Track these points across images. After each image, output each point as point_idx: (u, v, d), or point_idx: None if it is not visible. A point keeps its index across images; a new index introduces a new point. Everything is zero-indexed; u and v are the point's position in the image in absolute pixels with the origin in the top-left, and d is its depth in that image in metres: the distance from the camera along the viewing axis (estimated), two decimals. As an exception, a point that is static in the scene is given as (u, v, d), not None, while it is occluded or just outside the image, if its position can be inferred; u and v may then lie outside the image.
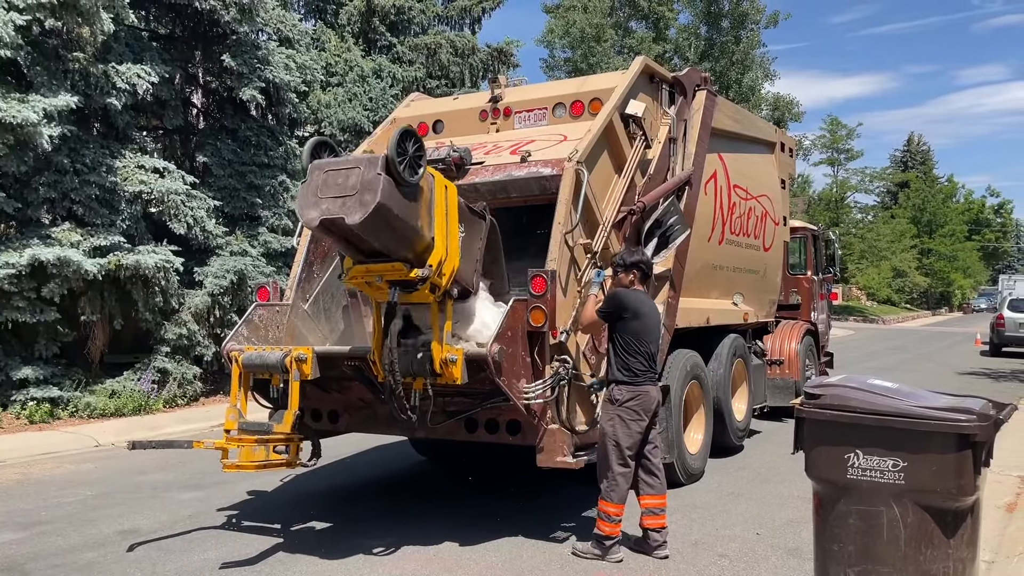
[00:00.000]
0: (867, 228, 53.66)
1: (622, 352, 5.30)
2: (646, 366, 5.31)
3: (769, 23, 36.70)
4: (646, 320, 5.38)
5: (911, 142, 71.45)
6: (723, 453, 8.19)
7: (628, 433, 5.22)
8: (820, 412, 3.91)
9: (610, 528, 5.15)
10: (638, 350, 5.28)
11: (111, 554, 5.42)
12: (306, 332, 6.70)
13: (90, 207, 10.72)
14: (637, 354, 5.28)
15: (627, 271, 5.51)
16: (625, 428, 5.22)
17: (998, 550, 5.26)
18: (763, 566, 5.12)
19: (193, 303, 11.70)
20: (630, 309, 5.33)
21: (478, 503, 6.67)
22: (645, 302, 5.52)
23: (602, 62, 33.08)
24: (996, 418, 3.72)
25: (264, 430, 5.43)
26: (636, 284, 5.51)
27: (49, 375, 10.39)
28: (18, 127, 9.39)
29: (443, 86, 17.90)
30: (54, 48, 10.48)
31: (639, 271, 5.54)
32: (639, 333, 5.31)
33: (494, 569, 5.05)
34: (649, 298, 5.70)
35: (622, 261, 5.58)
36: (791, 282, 11.52)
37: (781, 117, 37.41)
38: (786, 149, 10.46)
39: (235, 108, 13.54)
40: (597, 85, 7.10)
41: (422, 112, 7.89)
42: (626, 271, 5.51)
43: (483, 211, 5.48)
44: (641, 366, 5.29)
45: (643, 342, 5.31)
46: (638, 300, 5.44)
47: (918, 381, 12.22)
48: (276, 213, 13.57)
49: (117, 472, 8.00)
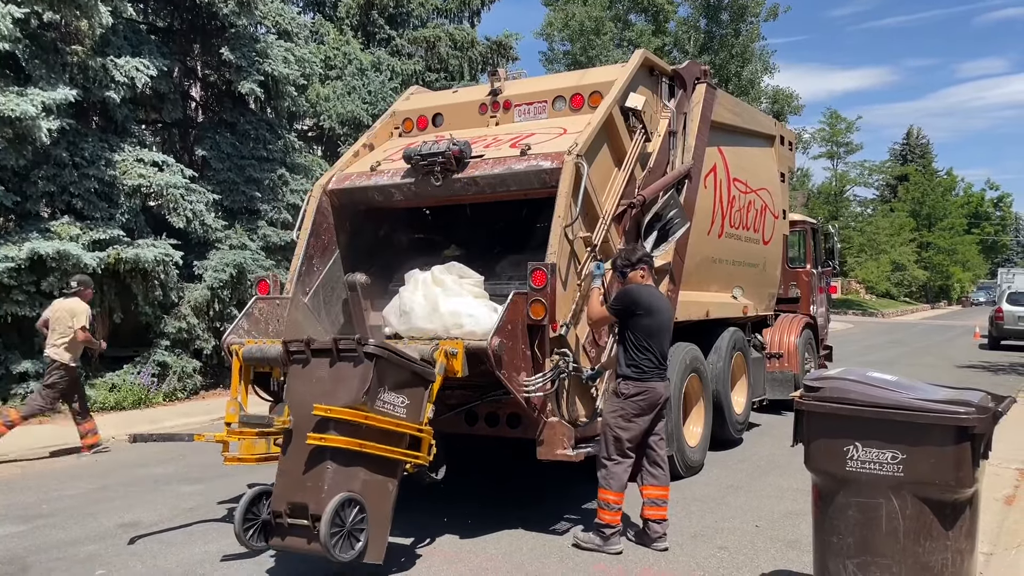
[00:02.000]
0: (866, 222, 53.66)
1: (632, 348, 5.31)
2: (655, 363, 5.32)
3: (768, 16, 36.69)
4: (659, 317, 5.39)
5: (910, 135, 71.43)
6: (722, 446, 8.21)
7: (629, 427, 5.24)
8: (819, 405, 3.93)
9: (610, 516, 5.17)
10: (648, 347, 5.29)
11: (112, 547, 5.44)
12: (306, 325, 6.70)
13: (89, 201, 10.71)
14: (647, 351, 5.29)
15: (634, 268, 5.51)
16: (628, 423, 5.24)
17: (996, 542, 5.27)
18: (762, 558, 5.13)
19: (193, 297, 11.71)
20: (643, 306, 5.33)
21: (478, 496, 6.68)
22: (660, 299, 5.56)
23: (601, 55, 33.04)
24: (995, 411, 3.73)
25: (265, 423, 5.44)
26: (647, 279, 5.53)
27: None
28: (16, 121, 9.38)
29: (442, 79, 17.89)
30: (52, 41, 10.45)
31: (647, 265, 5.56)
32: (651, 330, 5.32)
33: (494, 561, 5.07)
34: (663, 295, 5.70)
35: (627, 260, 5.56)
36: (790, 275, 11.52)
37: (780, 110, 37.40)
38: (785, 142, 10.44)
39: (234, 101, 13.53)
40: (597, 78, 7.09)
41: (421, 105, 7.88)
42: (634, 268, 5.51)
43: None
44: (650, 363, 5.30)
45: (655, 339, 5.32)
46: (652, 296, 5.45)
47: (917, 374, 12.23)
48: (275, 207, 13.57)
49: (118, 465, 8.01)
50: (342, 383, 4.53)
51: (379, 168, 6.96)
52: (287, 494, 4.55)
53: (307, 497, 4.43)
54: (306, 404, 4.53)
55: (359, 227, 7.27)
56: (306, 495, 4.44)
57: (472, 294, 5.97)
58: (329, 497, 4.34)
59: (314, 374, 4.69)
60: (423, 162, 6.38)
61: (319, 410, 4.39)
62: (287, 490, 4.57)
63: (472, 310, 5.72)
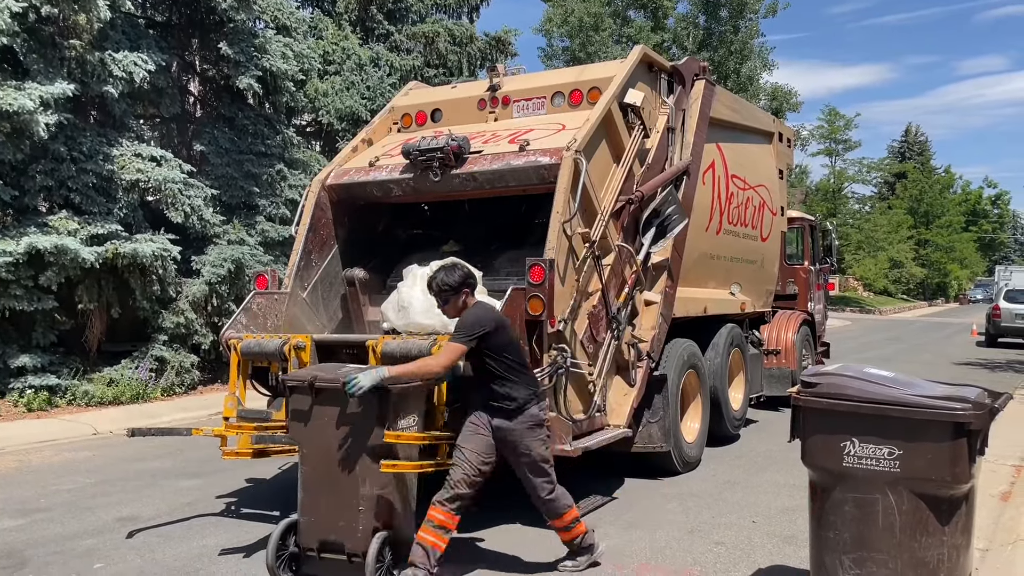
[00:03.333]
0: (864, 219, 53.67)
1: (516, 368, 4.61)
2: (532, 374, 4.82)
3: (768, 13, 36.61)
4: (509, 328, 4.78)
5: (909, 133, 71.44)
6: (720, 442, 8.23)
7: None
8: (817, 401, 3.93)
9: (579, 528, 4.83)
10: (523, 359, 4.77)
11: (110, 541, 5.45)
12: (304, 320, 6.71)
13: (87, 195, 10.69)
14: (524, 363, 4.74)
15: (457, 293, 4.68)
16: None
17: (992, 538, 5.29)
18: (759, 553, 5.15)
19: (191, 292, 11.70)
20: (498, 321, 4.64)
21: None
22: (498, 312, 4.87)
23: (600, 51, 33.00)
24: (991, 407, 3.74)
25: (263, 418, 5.45)
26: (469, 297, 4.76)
27: (47, 363, 10.39)
28: (14, 115, 9.35)
29: (441, 75, 17.85)
30: (50, 35, 10.42)
31: (470, 288, 4.75)
32: (516, 341, 4.79)
33: (491, 555, 5.08)
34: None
35: (447, 285, 4.66)
36: (788, 272, 11.54)
37: (779, 107, 37.36)
38: (784, 139, 10.45)
39: (232, 96, 13.49)
40: (596, 74, 7.09)
41: (420, 101, 7.88)
42: (457, 293, 4.67)
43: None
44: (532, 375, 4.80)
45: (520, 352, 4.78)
46: (491, 310, 4.79)
47: (914, 371, 12.25)
48: (274, 202, 13.55)
49: (115, 460, 8.02)
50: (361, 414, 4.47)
51: (378, 163, 6.96)
52: (317, 531, 4.52)
53: (341, 536, 4.43)
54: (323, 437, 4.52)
55: (357, 222, 7.27)
56: (340, 534, 4.44)
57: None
58: (365, 536, 4.36)
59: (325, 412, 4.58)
60: (422, 157, 6.38)
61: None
62: (316, 527, 4.53)
63: None
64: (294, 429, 4.70)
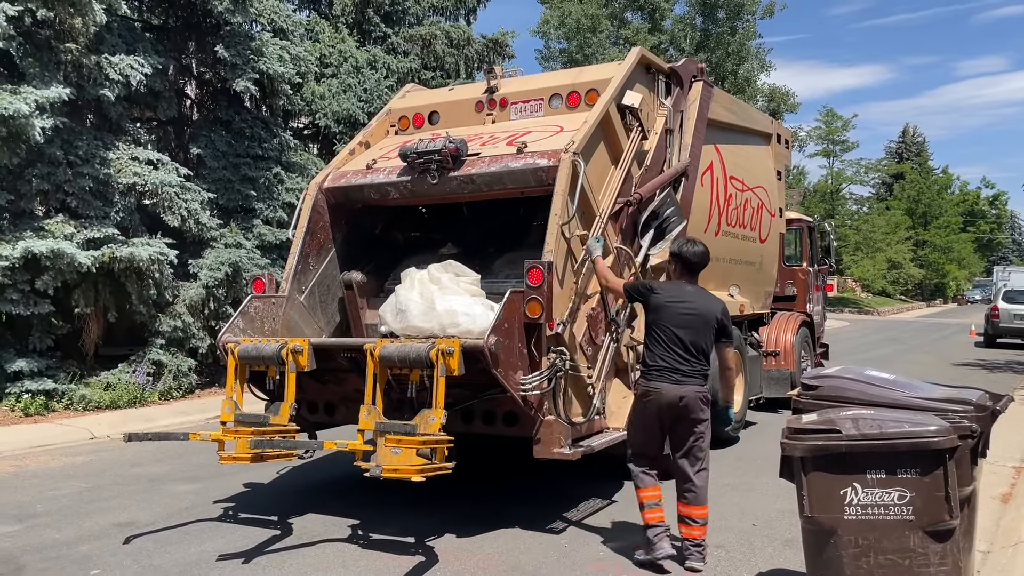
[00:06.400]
0: (862, 220, 53.69)
1: (645, 344, 5.06)
2: (668, 362, 4.88)
3: (765, 14, 36.69)
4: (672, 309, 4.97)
5: (906, 133, 71.54)
6: (719, 444, 8.18)
7: (635, 430, 5.14)
8: (817, 403, 3.92)
9: (648, 515, 4.92)
10: (660, 342, 4.94)
11: (107, 546, 5.41)
12: (302, 324, 6.69)
13: (83, 199, 10.66)
14: (658, 346, 4.94)
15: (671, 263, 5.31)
16: (632, 425, 5.18)
17: (993, 540, 5.28)
18: (760, 556, 5.13)
19: (188, 295, 11.67)
20: (659, 294, 5.04)
21: (475, 495, 6.66)
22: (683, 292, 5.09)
23: (598, 53, 33.03)
24: (992, 409, 3.73)
25: (261, 422, 5.42)
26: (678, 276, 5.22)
27: (44, 368, 10.36)
28: (10, 119, 9.32)
29: (438, 77, 17.84)
30: (46, 39, 10.39)
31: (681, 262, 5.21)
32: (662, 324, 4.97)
33: (491, 560, 5.05)
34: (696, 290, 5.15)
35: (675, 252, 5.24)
36: (787, 274, 11.53)
37: (777, 108, 37.41)
38: (782, 140, 10.45)
39: (229, 99, 13.48)
40: (593, 76, 7.08)
41: (418, 103, 7.86)
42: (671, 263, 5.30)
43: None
44: (662, 361, 4.89)
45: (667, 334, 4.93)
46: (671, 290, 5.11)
47: (914, 372, 12.24)
48: (271, 205, 13.52)
49: (113, 464, 7.98)
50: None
51: (375, 166, 6.94)
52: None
53: None
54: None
55: (355, 225, 7.26)
56: None
57: (469, 292, 5.96)
58: None
59: None
60: (419, 160, 6.36)
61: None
62: None
63: (468, 308, 5.71)
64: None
